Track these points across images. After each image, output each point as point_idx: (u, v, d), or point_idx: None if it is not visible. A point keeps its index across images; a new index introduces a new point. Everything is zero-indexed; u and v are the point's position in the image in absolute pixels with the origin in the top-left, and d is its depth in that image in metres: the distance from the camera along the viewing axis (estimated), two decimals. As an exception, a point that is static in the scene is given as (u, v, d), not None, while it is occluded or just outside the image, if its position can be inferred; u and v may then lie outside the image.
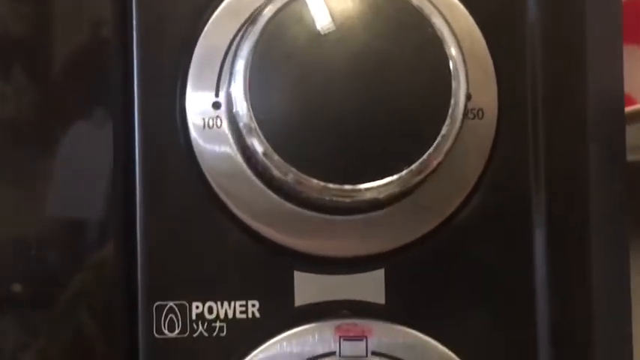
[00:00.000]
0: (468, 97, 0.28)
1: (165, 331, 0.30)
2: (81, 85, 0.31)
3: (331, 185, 0.26)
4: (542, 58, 0.30)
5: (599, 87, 0.30)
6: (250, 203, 0.30)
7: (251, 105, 0.27)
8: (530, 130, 0.30)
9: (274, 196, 0.29)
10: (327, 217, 0.30)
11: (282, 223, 0.30)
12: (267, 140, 0.26)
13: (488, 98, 0.30)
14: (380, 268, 0.30)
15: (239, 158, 0.30)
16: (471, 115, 0.30)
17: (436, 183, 0.30)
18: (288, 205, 0.30)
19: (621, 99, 0.31)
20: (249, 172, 0.30)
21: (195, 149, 0.30)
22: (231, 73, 0.27)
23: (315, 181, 0.26)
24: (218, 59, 0.29)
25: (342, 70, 0.27)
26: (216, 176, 0.30)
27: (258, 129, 0.26)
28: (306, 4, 0.27)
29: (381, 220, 0.30)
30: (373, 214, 0.30)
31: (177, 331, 0.30)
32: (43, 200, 0.31)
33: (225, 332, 0.30)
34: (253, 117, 0.27)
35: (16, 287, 0.31)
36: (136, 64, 0.30)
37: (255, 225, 0.30)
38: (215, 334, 0.30)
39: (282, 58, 0.27)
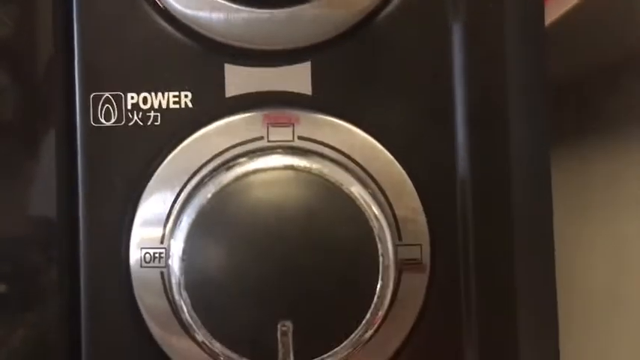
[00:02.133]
0: None
1: (102, 120, 0.31)
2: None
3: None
4: None
5: None
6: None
7: None
8: None
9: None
10: (255, 10, 0.31)
11: (212, 17, 0.31)
12: None
13: None
14: (306, 60, 0.32)
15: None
16: None
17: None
18: None
19: None
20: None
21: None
22: None
23: None
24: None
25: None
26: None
27: None
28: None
29: (306, 14, 0.31)
30: (298, 7, 0.31)
31: (113, 120, 0.31)
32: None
33: (159, 121, 0.32)
34: None
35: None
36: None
37: (185, 19, 0.31)
38: (150, 123, 0.31)
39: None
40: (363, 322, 0.29)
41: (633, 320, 0.52)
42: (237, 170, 0.28)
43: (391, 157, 0.31)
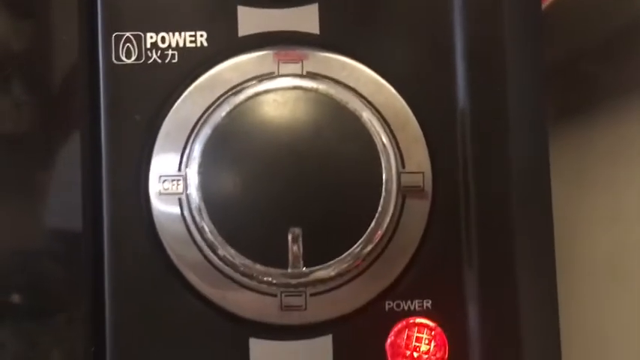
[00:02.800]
0: None
1: (123, 58, 0.34)
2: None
3: None
4: None
5: None
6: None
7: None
8: None
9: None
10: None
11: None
12: None
13: None
14: (314, 2, 0.34)
15: None
16: None
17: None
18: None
19: None
20: None
21: None
22: None
23: None
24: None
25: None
26: None
27: None
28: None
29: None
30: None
31: (133, 58, 0.34)
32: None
33: (176, 59, 0.34)
34: None
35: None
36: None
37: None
38: (167, 60, 0.34)
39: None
40: (364, 236, 0.31)
41: (634, 291, 0.53)
42: (250, 91, 0.31)
43: (394, 91, 0.34)
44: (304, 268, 0.30)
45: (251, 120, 0.30)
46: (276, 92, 0.31)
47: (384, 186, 0.31)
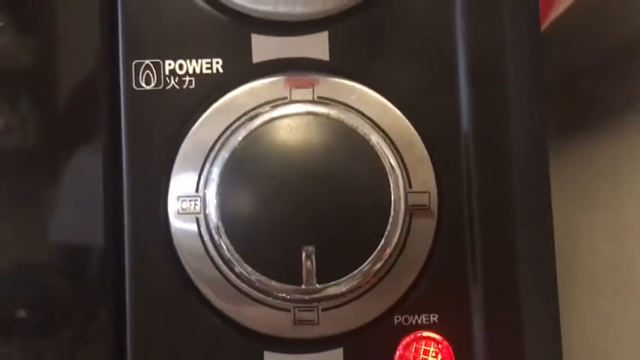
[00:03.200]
0: None
1: (143, 84, 0.35)
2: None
3: None
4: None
5: None
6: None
7: None
8: None
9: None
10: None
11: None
12: None
13: None
14: (324, 30, 0.36)
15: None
16: None
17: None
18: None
19: None
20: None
21: None
22: None
23: None
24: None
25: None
26: None
27: None
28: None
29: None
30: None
31: (152, 85, 0.35)
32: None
33: (193, 85, 0.35)
34: None
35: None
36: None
37: (218, -5, 0.35)
38: (185, 86, 0.35)
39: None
40: (373, 254, 0.32)
41: (635, 304, 0.54)
42: (265, 117, 0.32)
43: (400, 113, 0.35)
44: (317, 285, 0.32)
45: (266, 144, 0.32)
46: (290, 117, 0.32)
47: (392, 206, 0.33)
